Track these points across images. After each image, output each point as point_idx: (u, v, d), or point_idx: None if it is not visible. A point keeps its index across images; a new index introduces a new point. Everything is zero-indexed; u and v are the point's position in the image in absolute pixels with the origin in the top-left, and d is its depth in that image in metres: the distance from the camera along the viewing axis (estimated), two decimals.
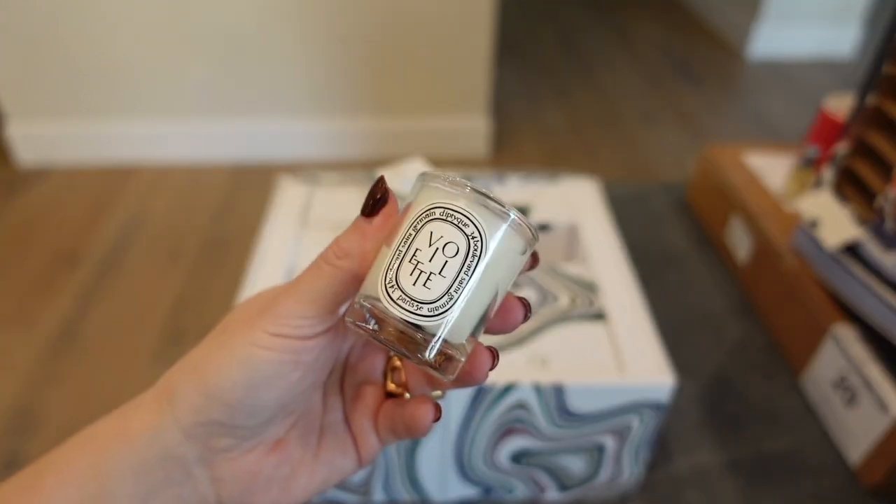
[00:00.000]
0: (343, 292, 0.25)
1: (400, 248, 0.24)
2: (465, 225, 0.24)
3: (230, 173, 1.31)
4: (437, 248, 0.24)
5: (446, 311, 0.24)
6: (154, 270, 1.04)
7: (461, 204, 0.24)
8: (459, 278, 0.24)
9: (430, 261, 0.24)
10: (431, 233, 0.24)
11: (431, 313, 0.23)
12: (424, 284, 0.23)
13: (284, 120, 1.34)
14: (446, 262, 0.23)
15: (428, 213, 0.24)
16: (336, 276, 0.25)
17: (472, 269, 0.24)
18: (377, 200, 0.25)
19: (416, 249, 0.24)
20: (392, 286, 0.24)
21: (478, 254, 0.24)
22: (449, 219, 0.24)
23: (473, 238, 0.24)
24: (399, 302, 0.23)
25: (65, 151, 1.31)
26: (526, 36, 2.02)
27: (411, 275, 0.24)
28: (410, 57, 1.28)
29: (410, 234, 0.24)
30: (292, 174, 0.81)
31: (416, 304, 0.23)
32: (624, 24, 2.14)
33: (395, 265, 0.24)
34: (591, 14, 2.21)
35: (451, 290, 0.24)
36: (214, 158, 1.34)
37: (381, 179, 0.26)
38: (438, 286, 0.23)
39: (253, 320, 0.25)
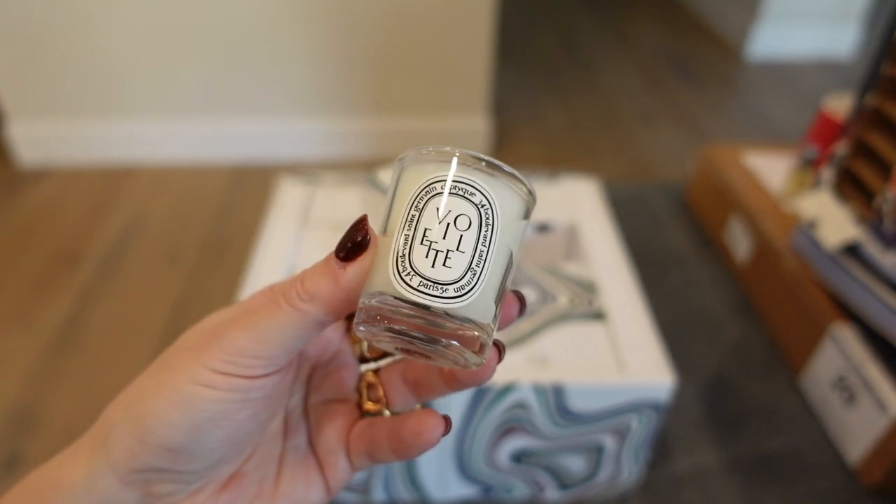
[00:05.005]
0: (303, 337, 0.23)
1: (405, 231, 0.22)
2: (471, 195, 0.22)
3: (230, 173, 1.31)
4: (449, 224, 0.22)
5: (472, 288, 0.22)
6: (154, 271, 1.04)
7: (463, 173, 0.22)
8: (478, 251, 0.22)
9: (443, 238, 0.22)
10: (438, 209, 0.22)
11: (458, 293, 0.22)
12: (444, 264, 0.21)
13: (284, 120, 1.34)
14: (461, 236, 0.22)
15: (428, 189, 0.22)
16: (297, 319, 0.22)
17: (488, 239, 0.22)
18: (356, 244, 0.22)
19: (426, 229, 0.22)
20: (408, 273, 0.21)
21: (490, 223, 0.22)
22: (454, 191, 0.22)
23: (483, 207, 0.22)
24: (421, 288, 0.21)
25: (65, 151, 1.31)
26: (526, 36, 2.02)
27: (427, 256, 0.21)
28: (410, 56, 1.28)
29: (413, 216, 0.22)
30: (292, 174, 0.81)
31: (440, 286, 0.21)
32: (624, 25, 2.14)
33: (406, 251, 0.22)
34: (591, 14, 2.21)
35: (473, 265, 0.22)
36: (214, 158, 1.34)
37: (364, 220, 0.23)
38: (459, 263, 0.22)
39: (198, 352, 0.22)
